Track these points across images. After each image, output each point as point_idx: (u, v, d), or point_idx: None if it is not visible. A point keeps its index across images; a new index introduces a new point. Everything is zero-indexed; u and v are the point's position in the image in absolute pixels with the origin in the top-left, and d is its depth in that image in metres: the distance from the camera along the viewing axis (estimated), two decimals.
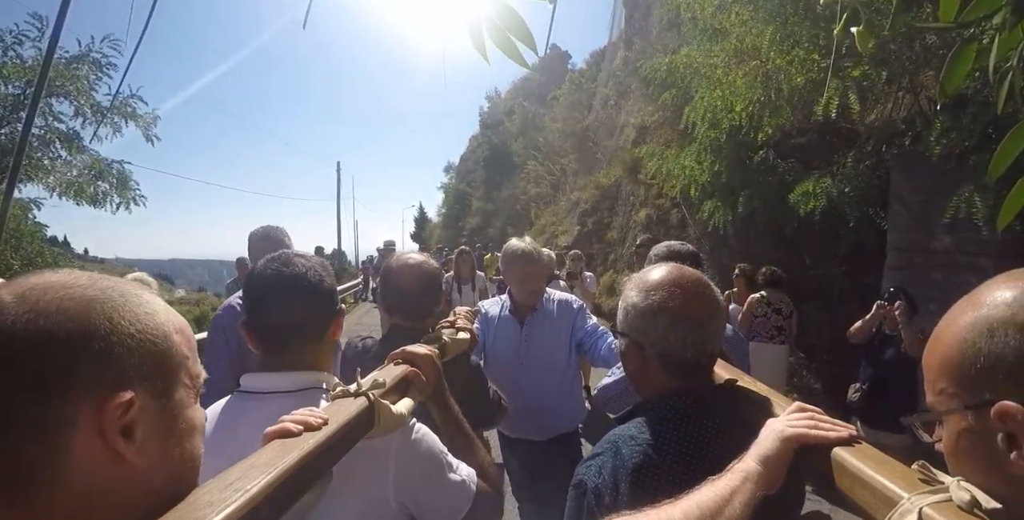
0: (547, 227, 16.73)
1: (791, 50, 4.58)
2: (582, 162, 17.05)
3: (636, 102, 13.89)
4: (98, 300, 0.45)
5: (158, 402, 0.47)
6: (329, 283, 0.98)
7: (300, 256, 0.98)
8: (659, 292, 0.92)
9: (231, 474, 0.52)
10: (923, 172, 3.95)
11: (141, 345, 0.46)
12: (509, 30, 0.97)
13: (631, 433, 0.90)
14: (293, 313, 0.93)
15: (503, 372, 2.10)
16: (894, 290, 3.22)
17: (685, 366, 0.92)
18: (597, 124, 17.32)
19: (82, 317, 0.43)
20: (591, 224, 12.88)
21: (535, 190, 20.10)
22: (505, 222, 22.57)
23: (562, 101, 20.68)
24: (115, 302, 0.46)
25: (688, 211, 7.42)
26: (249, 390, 0.93)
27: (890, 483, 0.55)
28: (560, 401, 2.18)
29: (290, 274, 0.94)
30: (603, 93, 17.47)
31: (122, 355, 0.44)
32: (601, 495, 0.85)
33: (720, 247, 6.62)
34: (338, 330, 1.00)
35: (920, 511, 0.49)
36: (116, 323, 0.45)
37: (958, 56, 1.08)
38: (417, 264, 1.45)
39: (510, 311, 2.26)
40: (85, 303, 0.44)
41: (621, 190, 11.54)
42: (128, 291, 0.48)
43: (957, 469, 0.54)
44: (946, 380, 0.53)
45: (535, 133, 22.80)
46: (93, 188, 7.44)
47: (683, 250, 1.84)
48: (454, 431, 1.00)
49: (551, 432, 2.19)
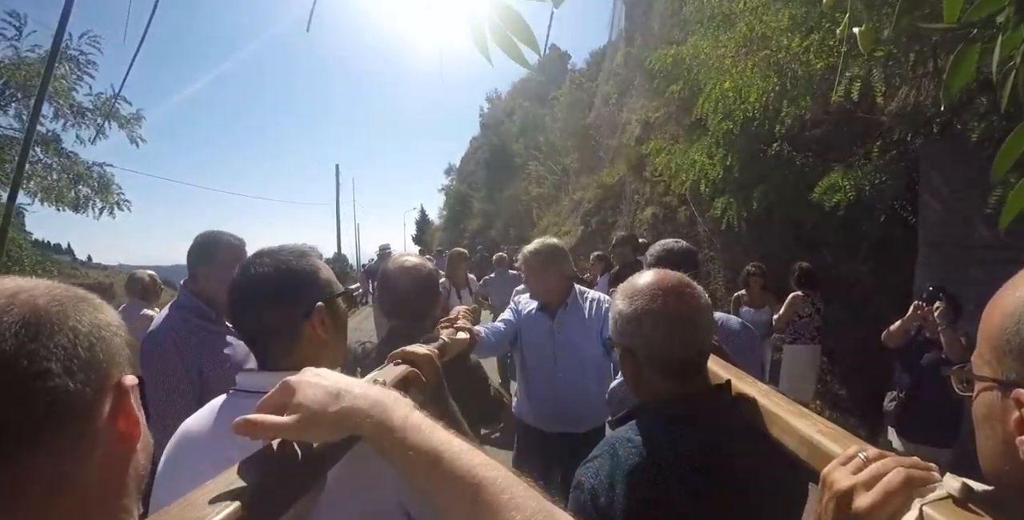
0: (549, 228, 16.54)
1: (808, 35, 4.28)
2: (584, 161, 16.95)
3: (639, 99, 13.71)
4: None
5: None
6: (292, 284, 0.93)
7: (261, 256, 0.95)
8: (642, 297, 0.94)
9: (231, 472, 0.51)
10: (958, 161, 3.64)
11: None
12: (511, 30, 0.98)
13: (628, 436, 0.93)
14: (258, 318, 0.92)
15: (538, 366, 2.22)
16: (933, 289, 2.89)
17: (675, 365, 0.92)
18: (599, 122, 17.25)
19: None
20: (595, 224, 12.61)
21: (537, 190, 19.98)
22: (507, 223, 22.43)
23: (563, 100, 20.58)
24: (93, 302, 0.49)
25: (697, 208, 7.10)
26: (245, 389, 0.92)
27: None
28: (595, 394, 2.15)
29: (245, 280, 0.93)
30: (604, 91, 17.44)
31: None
32: (597, 496, 0.87)
33: (732, 246, 6.29)
34: (320, 325, 0.94)
35: (921, 510, 0.50)
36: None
37: (962, 56, 1.09)
38: (414, 267, 1.48)
39: (540, 307, 2.29)
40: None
41: (625, 188, 11.25)
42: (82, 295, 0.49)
43: (978, 429, 0.54)
44: (985, 345, 0.53)
45: (536, 133, 22.67)
46: (73, 192, 7.14)
47: (676, 248, 1.84)
48: (452, 431, 0.87)
49: (588, 424, 2.22)
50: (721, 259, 6.55)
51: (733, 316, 2.21)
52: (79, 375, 0.41)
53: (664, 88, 7.05)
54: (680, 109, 7.46)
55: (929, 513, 0.49)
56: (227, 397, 0.94)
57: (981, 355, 0.53)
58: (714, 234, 6.64)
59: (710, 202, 5.64)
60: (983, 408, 0.52)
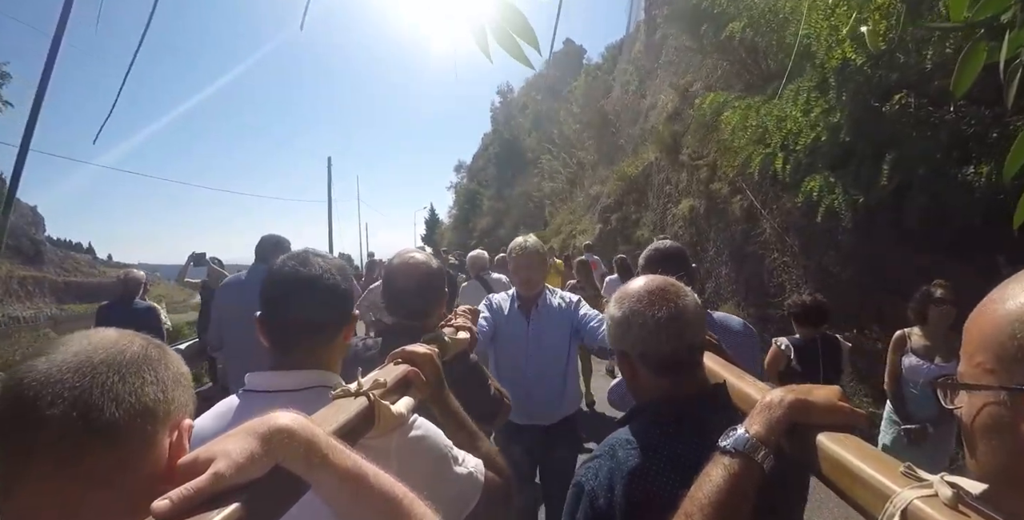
0: (563, 226, 15.00)
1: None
2: (602, 152, 15.70)
3: (665, 78, 12.03)
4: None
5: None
6: (346, 286, 0.98)
7: (319, 256, 0.98)
8: (630, 300, 0.97)
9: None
10: None
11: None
12: (512, 29, 0.97)
13: (627, 437, 0.94)
14: (308, 314, 0.93)
15: (512, 362, 2.30)
16: None
17: (667, 362, 0.94)
18: (619, 108, 15.81)
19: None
20: (615, 221, 10.88)
21: (550, 185, 18.87)
22: (517, 221, 21.43)
23: (579, 90, 19.35)
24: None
25: (757, 197, 5.28)
26: (255, 389, 0.93)
27: (880, 476, 0.56)
28: (564, 387, 2.30)
29: (307, 274, 0.94)
30: (623, 80, 16.21)
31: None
32: (596, 497, 0.89)
33: (819, 249, 4.45)
34: (350, 333, 1.00)
35: (911, 503, 0.50)
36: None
37: (969, 55, 1.10)
38: (417, 263, 1.46)
39: (517, 306, 2.35)
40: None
41: (652, 179, 9.45)
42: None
43: (971, 441, 0.53)
44: (986, 354, 0.51)
45: (549, 126, 21.93)
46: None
47: (668, 249, 1.86)
48: (456, 427, 1.01)
49: (557, 416, 2.31)
50: (799, 267, 4.71)
51: (733, 315, 1.96)
52: (160, 394, 0.53)
53: (713, 41, 5.28)
54: (740, 65, 5.64)
55: (919, 505, 0.50)
56: (238, 397, 0.94)
57: (979, 365, 0.51)
58: (787, 232, 4.81)
59: (800, 184, 3.79)
60: (987, 420, 0.50)
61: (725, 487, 0.66)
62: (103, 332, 0.56)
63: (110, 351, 0.52)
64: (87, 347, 0.52)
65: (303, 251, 0.98)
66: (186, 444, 0.54)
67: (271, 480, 0.50)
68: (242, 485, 0.47)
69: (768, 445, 0.67)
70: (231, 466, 0.47)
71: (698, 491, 0.67)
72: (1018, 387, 0.46)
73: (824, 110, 3.40)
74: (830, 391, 0.71)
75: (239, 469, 0.47)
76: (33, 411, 0.46)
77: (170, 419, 0.54)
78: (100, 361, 0.51)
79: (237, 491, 0.46)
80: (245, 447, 0.49)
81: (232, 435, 0.51)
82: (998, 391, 0.48)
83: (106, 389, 0.49)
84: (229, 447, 0.49)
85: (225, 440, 0.50)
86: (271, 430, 0.51)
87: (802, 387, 0.72)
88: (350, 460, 0.54)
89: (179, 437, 0.54)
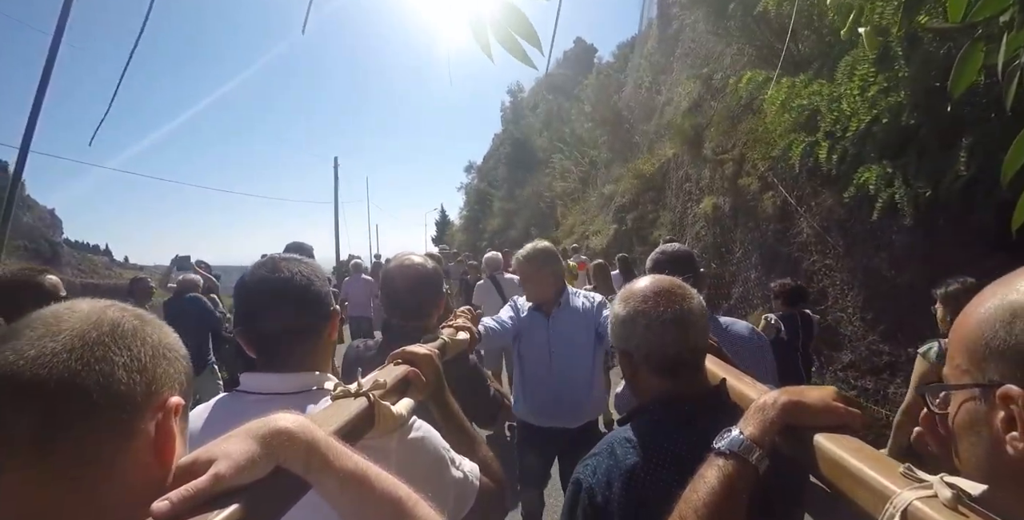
0: (576, 227, 14.57)
1: None
2: (615, 150, 15.23)
3: (681, 71, 11.54)
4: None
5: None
6: (319, 285, 0.96)
7: (287, 260, 0.96)
8: (635, 300, 0.97)
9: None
10: None
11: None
12: (514, 29, 0.97)
13: (626, 436, 0.94)
14: (286, 320, 0.91)
15: (535, 363, 2.30)
16: None
17: (669, 363, 0.94)
18: (633, 105, 15.37)
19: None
20: (630, 221, 10.40)
21: (561, 185, 18.39)
22: (528, 222, 21.08)
23: (590, 88, 18.98)
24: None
25: (793, 193, 4.78)
26: (249, 390, 0.92)
27: (880, 476, 0.56)
28: (587, 390, 2.26)
29: (278, 279, 0.93)
30: (636, 76, 15.93)
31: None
32: (594, 494, 0.89)
33: (868, 250, 3.94)
34: (334, 330, 0.99)
35: (910, 504, 0.51)
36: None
37: (967, 55, 1.10)
38: (414, 265, 1.47)
39: (535, 307, 2.33)
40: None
41: (670, 176, 8.96)
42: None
43: (955, 440, 0.54)
44: (963, 356, 0.53)
45: (560, 126, 21.64)
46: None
47: (674, 252, 1.84)
48: (455, 429, 1.01)
49: (582, 419, 2.29)
50: (844, 271, 4.21)
51: (741, 321, 1.88)
52: (135, 375, 0.47)
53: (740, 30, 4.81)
54: (768, 50, 5.14)
55: (919, 506, 0.50)
56: (228, 397, 0.93)
57: (957, 367, 0.53)
58: (828, 231, 4.30)
59: (854, 177, 3.29)
60: (965, 417, 0.52)
61: (719, 488, 0.66)
62: (74, 309, 0.49)
63: (73, 333, 0.46)
64: (52, 330, 0.46)
65: (271, 257, 0.97)
66: (172, 424, 0.50)
67: (271, 481, 0.49)
68: (242, 486, 0.47)
69: (762, 446, 0.67)
70: (231, 467, 0.47)
71: (693, 493, 0.68)
72: (988, 383, 0.48)
73: (883, 89, 2.91)
74: (824, 392, 0.71)
75: (240, 470, 0.47)
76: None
77: (151, 400, 0.48)
78: (62, 348, 0.45)
79: (237, 492, 0.46)
80: (246, 448, 0.49)
81: (232, 436, 0.51)
82: (973, 389, 0.50)
83: (65, 381, 0.43)
84: (230, 448, 0.49)
85: (225, 441, 0.50)
86: (271, 432, 0.51)
87: (796, 388, 0.73)
88: (351, 461, 0.55)
89: (164, 417, 0.49)
